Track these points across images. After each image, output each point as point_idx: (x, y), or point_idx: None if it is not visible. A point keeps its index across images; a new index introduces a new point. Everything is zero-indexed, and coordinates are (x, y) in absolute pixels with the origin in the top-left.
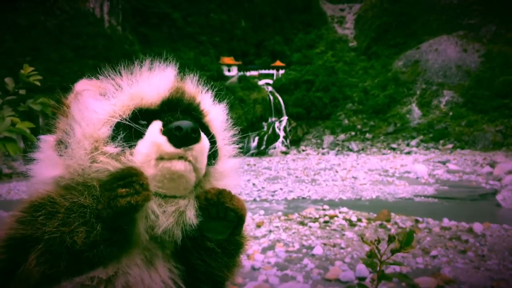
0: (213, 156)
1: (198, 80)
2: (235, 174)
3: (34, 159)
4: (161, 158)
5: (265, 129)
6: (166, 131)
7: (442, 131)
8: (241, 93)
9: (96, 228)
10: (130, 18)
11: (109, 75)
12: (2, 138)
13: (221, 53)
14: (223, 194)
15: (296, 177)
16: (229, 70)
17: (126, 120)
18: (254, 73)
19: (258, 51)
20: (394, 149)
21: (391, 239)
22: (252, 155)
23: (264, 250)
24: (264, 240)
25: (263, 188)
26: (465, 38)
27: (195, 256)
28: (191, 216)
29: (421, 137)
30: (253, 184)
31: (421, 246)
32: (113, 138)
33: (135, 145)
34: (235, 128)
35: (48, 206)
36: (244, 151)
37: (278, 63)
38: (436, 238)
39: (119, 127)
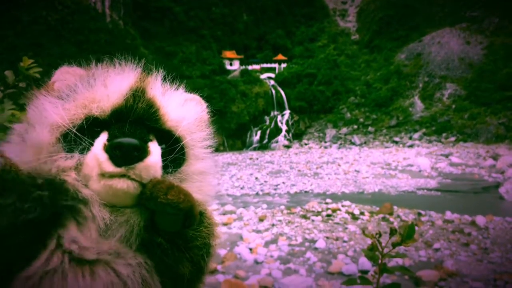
0: (177, 161)
1: (167, 77)
2: (207, 177)
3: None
4: (103, 175)
5: (267, 123)
6: (107, 148)
7: (445, 124)
8: (243, 87)
9: None
10: (132, 13)
11: (86, 66)
12: (3, 128)
13: (223, 47)
14: (157, 187)
15: (299, 170)
16: (231, 64)
17: (71, 130)
18: (256, 67)
19: (260, 44)
20: (396, 142)
21: (392, 232)
22: (254, 149)
23: (267, 244)
24: (267, 234)
25: (265, 182)
26: (468, 31)
27: (150, 251)
28: (141, 223)
29: (424, 130)
30: (256, 178)
31: (424, 239)
32: (65, 147)
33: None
34: (212, 127)
35: None
36: (247, 145)
37: (280, 56)
38: (439, 231)
39: (69, 136)
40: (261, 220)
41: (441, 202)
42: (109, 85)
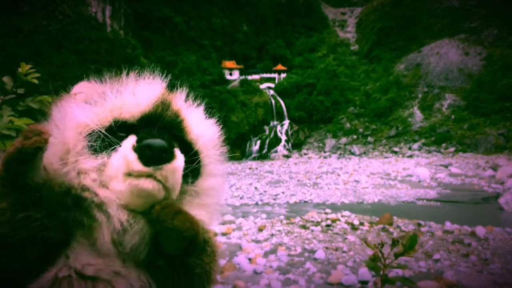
0: (194, 174)
1: (191, 94)
2: (218, 194)
3: None
4: (129, 174)
5: (267, 132)
6: (137, 148)
7: (444, 134)
8: (243, 97)
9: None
10: (132, 22)
11: (104, 80)
12: (1, 136)
13: (223, 57)
14: (164, 211)
15: (298, 180)
16: (231, 74)
17: (100, 131)
18: (256, 77)
19: (260, 55)
20: (396, 152)
21: (394, 242)
22: (254, 158)
23: (266, 254)
24: (266, 244)
25: (265, 191)
26: (467, 42)
27: (152, 272)
28: (151, 234)
29: (423, 140)
30: (255, 188)
31: (424, 250)
32: (89, 147)
33: (109, 157)
34: (225, 146)
35: None
36: (246, 155)
37: (279, 66)
38: (439, 242)
39: (95, 137)
40: (260, 230)
41: (440, 212)
42: (138, 94)
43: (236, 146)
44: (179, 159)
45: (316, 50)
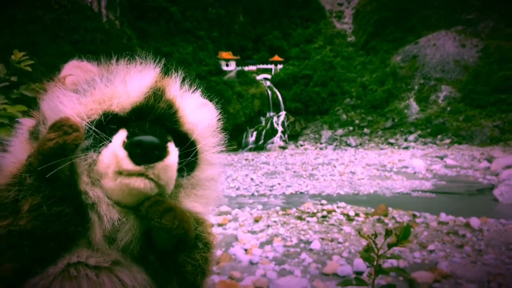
0: (190, 166)
1: (187, 79)
2: (215, 184)
3: (7, 142)
4: (120, 173)
5: (263, 124)
6: (127, 145)
7: (440, 126)
8: (239, 88)
9: (35, 189)
10: (128, 13)
11: (93, 63)
12: None
13: (219, 48)
14: (153, 208)
15: (294, 172)
16: (227, 65)
17: (90, 127)
18: (252, 68)
19: (256, 46)
20: (392, 144)
21: (388, 233)
22: (250, 150)
23: (262, 245)
24: (262, 235)
25: (261, 183)
26: (463, 33)
27: (144, 266)
28: (142, 230)
29: (419, 132)
30: (251, 179)
31: (419, 241)
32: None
33: (99, 152)
34: (224, 133)
35: None
36: (242, 146)
37: (276, 58)
38: (434, 233)
39: (84, 132)
40: (256, 221)
41: (435, 204)
42: (129, 83)
43: (233, 137)
44: (173, 156)
45: (313, 41)
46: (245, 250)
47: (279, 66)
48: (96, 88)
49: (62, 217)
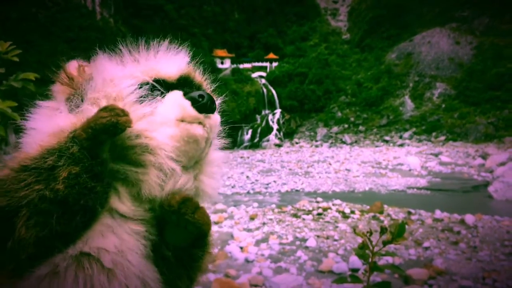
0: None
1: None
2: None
3: (31, 119)
4: (182, 120)
5: (259, 121)
6: (189, 97)
7: (435, 123)
8: (235, 85)
9: (76, 160)
10: (122, 10)
11: (123, 52)
12: None
13: (214, 46)
14: (186, 204)
15: (290, 169)
16: (222, 63)
17: (147, 83)
18: (247, 65)
19: (251, 43)
20: (387, 141)
21: (383, 230)
22: (245, 147)
23: (257, 243)
24: (257, 233)
25: (256, 180)
26: (458, 31)
27: (156, 263)
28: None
29: (414, 129)
30: (247, 177)
31: (414, 238)
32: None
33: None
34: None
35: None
36: (238, 144)
37: (271, 55)
38: (429, 230)
39: (140, 89)
40: (252, 218)
41: (430, 201)
42: (172, 58)
43: (228, 135)
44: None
45: (308, 39)
46: (241, 248)
47: (274, 64)
48: (140, 62)
49: (93, 193)
